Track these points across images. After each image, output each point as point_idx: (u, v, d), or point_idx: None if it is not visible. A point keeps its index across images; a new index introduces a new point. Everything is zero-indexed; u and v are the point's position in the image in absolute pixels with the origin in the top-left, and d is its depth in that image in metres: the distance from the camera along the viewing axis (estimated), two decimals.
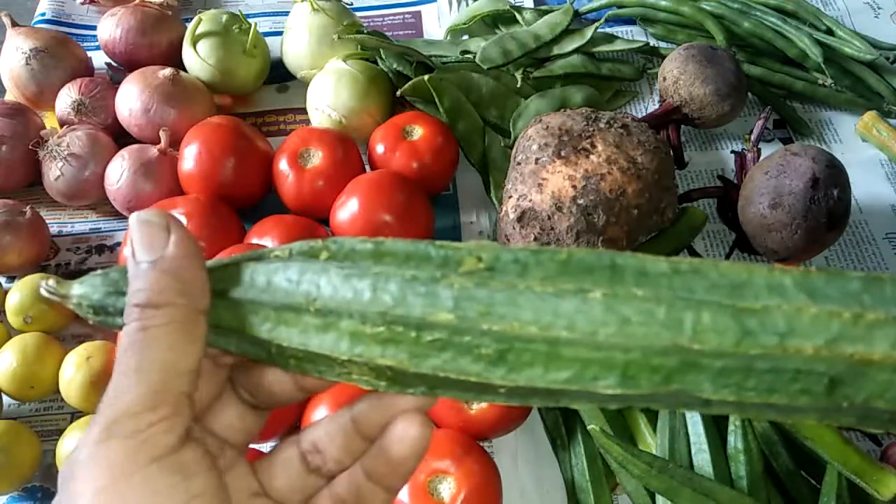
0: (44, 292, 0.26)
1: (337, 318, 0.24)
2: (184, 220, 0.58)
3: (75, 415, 0.57)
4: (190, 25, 0.73)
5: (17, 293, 0.58)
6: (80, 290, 0.26)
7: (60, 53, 0.72)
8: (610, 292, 0.22)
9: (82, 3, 0.85)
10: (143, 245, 0.24)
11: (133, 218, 0.25)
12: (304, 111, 0.72)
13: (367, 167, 0.67)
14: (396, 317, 0.23)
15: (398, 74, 0.70)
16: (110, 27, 0.74)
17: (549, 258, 0.23)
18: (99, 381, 0.54)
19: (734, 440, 0.49)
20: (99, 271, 0.27)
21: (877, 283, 0.21)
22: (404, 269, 0.23)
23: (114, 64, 0.77)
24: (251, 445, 0.31)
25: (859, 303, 0.21)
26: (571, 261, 0.23)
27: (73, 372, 0.54)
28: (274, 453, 0.28)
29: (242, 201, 0.65)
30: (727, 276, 0.22)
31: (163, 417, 0.23)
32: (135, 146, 0.65)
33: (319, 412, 0.50)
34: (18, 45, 0.71)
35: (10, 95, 0.74)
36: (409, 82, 0.67)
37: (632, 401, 0.22)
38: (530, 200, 0.55)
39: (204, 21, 0.72)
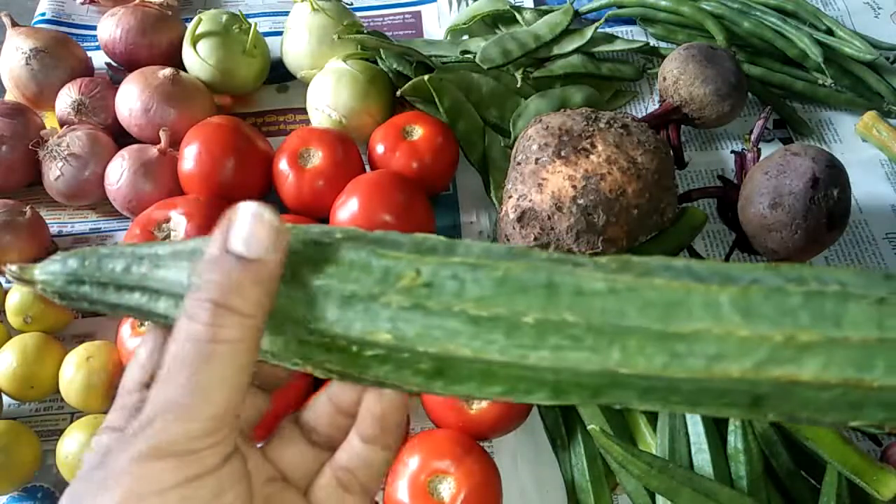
0: (9, 276, 0.26)
1: (281, 323, 0.24)
2: (184, 220, 0.58)
3: (75, 415, 0.57)
4: (190, 25, 0.73)
5: (17, 293, 0.58)
6: (42, 276, 0.26)
7: (60, 53, 0.72)
8: (542, 317, 0.22)
9: (82, 3, 0.85)
10: (244, 238, 0.22)
11: (245, 208, 0.23)
12: (304, 111, 0.72)
13: (367, 167, 0.67)
14: (337, 333, 0.23)
15: (398, 74, 0.70)
16: (110, 27, 0.74)
17: (486, 275, 0.23)
18: (99, 381, 0.54)
19: (734, 440, 0.49)
20: (58, 255, 0.26)
21: (817, 299, 0.21)
22: (345, 283, 0.23)
23: (114, 64, 0.77)
24: None
25: (795, 322, 0.21)
26: (508, 279, 0.23)
27: (73, 372, 0.54)
28: (278, 433, 0.28)
29: (242, 201, 0.64)
30: (664, 294, 0.22)
31: (218, 441, 0.22)
32: (135, 146, 0.65)
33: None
34: (18, 45, 0.71)
35: (10, 95, 0.74)
36: (409, 82, 0.67)
37: (566, 403, 0.23)
38: (530, 200, 0.55)
39: (204, 21, 0.72)
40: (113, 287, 0.26)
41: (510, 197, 0.57)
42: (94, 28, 0.81)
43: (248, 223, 0.22)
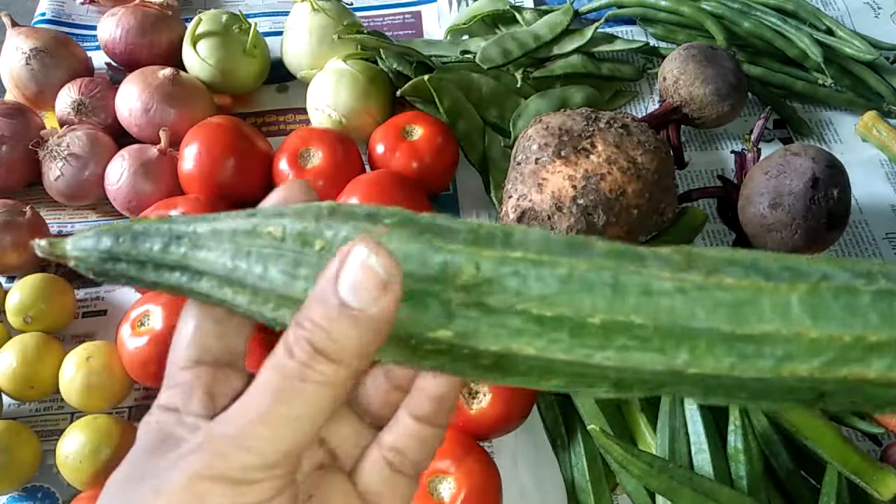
0: (39, 252, 0.25)
1: None
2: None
3: (75, 415, 0.57)
4: (190, 25, 0.73)
5: (17, 293, 0.58)
6: (75, 254, 0.26)
7: (60, 53, 0.72)
8: (608, 318, 0.22)
9: (82, 3, 0.85)
10: (350, 285, 0.21)
11: (357, 253, 0.21)
12: (304, 111, 0.72)
13: (367, 167, 0.67)
14: (394, 330, 0.23)
15: (398, 74, 0.70)
16: (110, 27, 0.74)
17: (549, 273, 0.23)
18: (99, 382, 0.54)
19: (734, 440, 0.49)
20: (89, 231, 0.26)
21: (887, 298, 0.21)
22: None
23: (114, 64, 0.77)
24: None
25: (864, 323, 0.21)
26: (572, 277, 0.22)
27: (73, 372, 0.54)
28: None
29: (242, 201, 0.64)
30: (733, 295, 0.22)
31: (277, 476, 0.22)
32: (135, 146, 0.65)
33: None
34: (18, 45, 0.71)
35: (10, 95, 0.74)
36: (409, 82, 0.67)
37: (625, 396, 0.23)
38: (530, 200, 0.55)
39: (204, 21, 0.72)
40: (151, 266, 0.25)
41: (510, 197, 0.57)
42: (94, 28, 0.81)
43: (357, 270, 0.21)
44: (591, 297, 0.22)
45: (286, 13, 0.78)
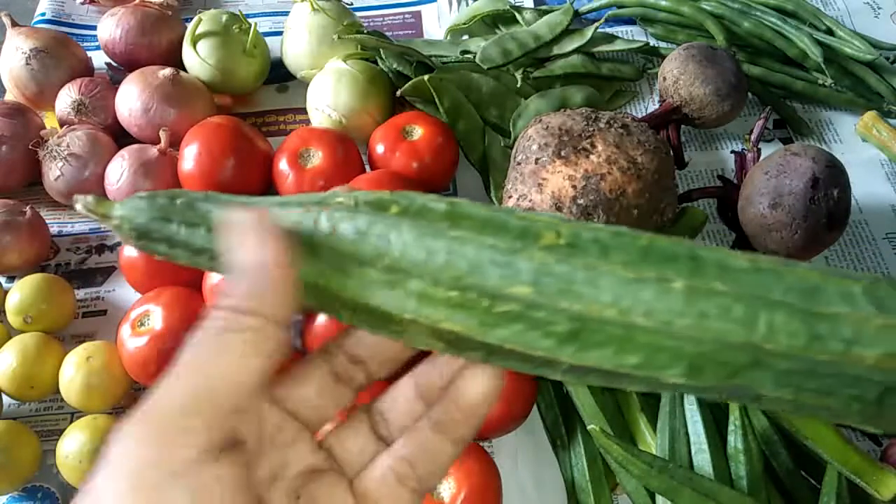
0: (80, 208, 0.25)
1: (405, 277, 0.23)
2: None
3: (75, 415, 0.57)
4: (190, 25, 0.73)
5: (17, 293, 0.58)
6: (122, 212, 0.25)
7: (60, 53, 0.72)
8: (691, 284, 0.22)
9: (82, 3, 0.85)
10: (241, 248, 0.24)
11: (233, 217, 0.24)
12: (304, 111, 0.72)
13: (367, 167, 0.67)
14: (470, 284, 0.22)
15: (398, 74, 0.70)
16: (110, 27, 0.74)
17: (629, 242, 0.23)
18: (99, 381, 0.54)
19: (734, 440, 0.49)
20: (144, 193, 0.26)
21: None
22: (482, 235, 0.23)
23: (114, 64, 0.77)
24: None
25: None
26: (653, 247, 0.23)
27: (73, 372, 0.54)
28: (346, 422, 0.28)
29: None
30: (803, 279, 0.22)
31: (192, 428, 0.22)
32: (135, 146, 0.65)
33: None
34: (18, 45, 0.71)
35: (10, 95, 0.74)
36: (409, 82, 0.67)
37: (688, 391, 0.23)
38: (530, 200, 0.55)
39: (204, 21, 0.72)
40: (205, 228, 0.25)
41: (510, 197, 0.57)
42: (94, 28, 0.81)
43: (240, 234, 0.24)
44: (673, 265, 0.22)
45: (286, 13, 0.78)
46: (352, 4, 0.85)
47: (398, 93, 0.68)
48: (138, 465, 0.21)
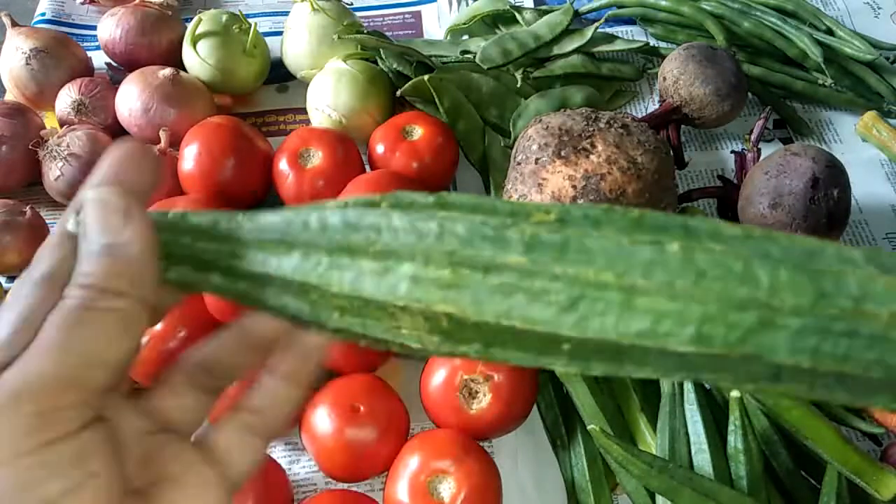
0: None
1: (397, 262, 0.23)
2: None
3: None
4: (190, 25, 0.73)
5: None
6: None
7: (60, 53, 0.72)
8: (687, 245, 0.22)
9: (82, 3, 0.85)
10: (97, 225, 0.23)
11: (89, 194, 0.24)
12: (304, 111, 0.72)
13: (367, 167, 0.67)
14: (463, 258, 0.22)
15: (398, 74, 0.70)
16: (110, 27, 0.74)
17: (620, 216, 0.23)
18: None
19: (734, 440, 0.49)
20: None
21: None
22: (472, 215, 0.23)
23: (114, 64, 0.77)
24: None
25: None
26: (644, 218, 0.22)
27: None
28: (163, 381, 0.27)
29: (242, 201, 0.65)
30: (799, 244, 0.22)
31: (68, 405, 0.22)
32: None
33: (320, 413, 0.50)
34: (18, 45, 0.71)
35: (10, 95, 0.74)
36: (409, 82, 0.67)
37: (700, 368, 0.22)
38: (530, 200, 0.55)
39: (204, 21, 0.72)
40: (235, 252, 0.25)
41: (510, 197, 0.57)
42: (94, 28, 0.81)
43: (95, 210, 0.24)
44: (667, 233, 0.22)
45: (286, 13, 0.78)
46: (352, 4, 0.85)
47: (398, 93, 0.68)
48: (13, 435, 0.21)
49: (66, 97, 0.69)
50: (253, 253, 0.24)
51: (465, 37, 0.79)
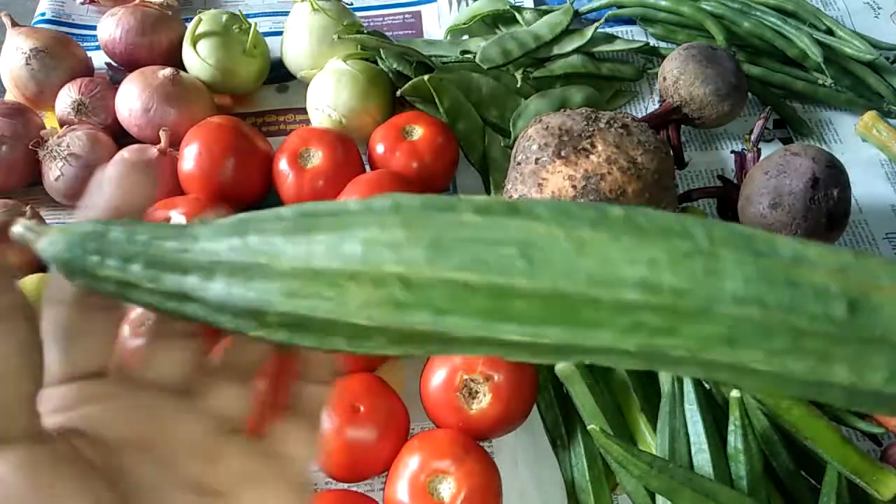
0: (18, 233, 0.23)
1: (351, 232, 0.22)
2: (184, 220, 0.58)
3: None
4: (190, 25, 0.73)
5: None
6: (46, 244, 0.23)
7: (60, 53, 0.72)
8: (628, 212, 0.22)
9: (82, 3, 0.85)
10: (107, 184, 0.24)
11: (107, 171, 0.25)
12: (304, 111, 0.72)
13: (367, 167, 0.67)
14: (417, 221, 0.22)
15: (398, 74, 0.70)
16: (110, 27, 0.74)
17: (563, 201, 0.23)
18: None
19: (734, 440, 0.49)
20: (82, 220, 0.24)
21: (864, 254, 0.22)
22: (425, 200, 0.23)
23: (114, 64, 0.77)
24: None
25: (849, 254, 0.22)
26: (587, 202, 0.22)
27: None
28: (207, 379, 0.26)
29: (242, 201, 0.65)
30: (727, 225, 0.22)
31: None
32: (135, 146, 0.65)
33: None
34: (18, 45, 0.71)
35: (10, 95, 0.74)
36: (409, 82, 0.67)
37: (655, 331, 0.21)
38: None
39: (204, 21, 0.72)
40: (142, 262, 0.23)
41: (510, 197, 0.57)
42: (94, 28, 0.81)
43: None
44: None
45: (286, 13, 0.78)
46: (352, 4, 0.86)
47: (398, 93, 0.68)
48: None
49: (66, 97, 0.69)
50: (200, 245, 0.23)
51: (465, 37, 0.79)
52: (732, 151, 0.69)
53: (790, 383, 0.22)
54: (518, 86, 0.71)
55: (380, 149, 0.65)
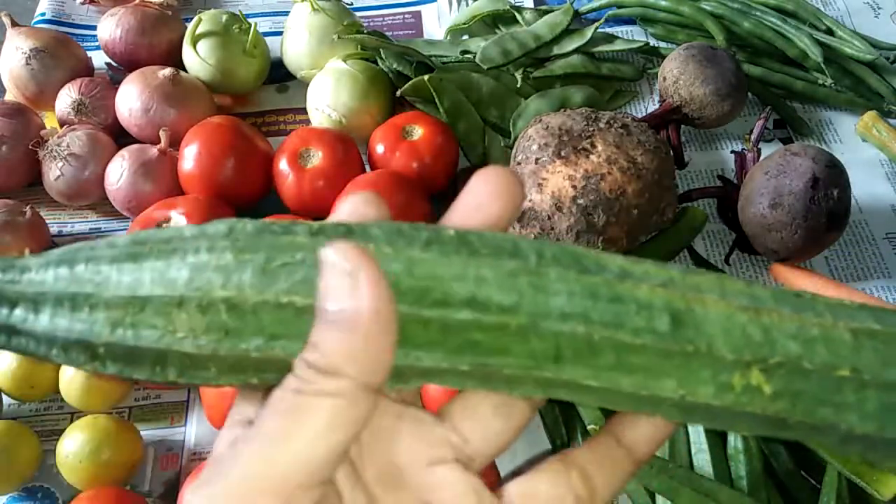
0: None
1: (181, 257, 0.21)
2: (184, 220, 0.58)
3: (75, 415, 0.57)
4: (190, 25, 0.73)
5: None
6: None
7: (60, 53, 0.72)
8: (460, 233, 0.22)
9: (82, 3, 0.85)
10: (328, 290, 0.19)
11: (323, 252, 0.20)
12: (304, 111, 0.72)
13: (367, 167, 0.67)
14: (248, 245, 0.21)
15: (398, 74, 0.70)
16: (110, 27, 0.74)
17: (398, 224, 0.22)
18: (99, 381, 0.54)
19: (734, 440, 0.49)
20: None
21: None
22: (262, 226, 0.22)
23: (114, 64, 0.77)
24: None
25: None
26: (420, 225, 0.22)
27: (73, 371, 0.54)
28: (460, 399, 0.25)
29: (242, 201, 0.65)
30: (559, 245, 0.22)
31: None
32: (135, 146, 0.65)
33: None
34: (18, 45, 0.71)
35: (10, 95, 0.74)
36: (409, 82, 0.67)
37: (488, 350, 0.21)
38: (530, 200, 0.55)
39: (204, 21, 0.72)
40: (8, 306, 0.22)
41: None
42: (94, 28, 0.81)
43: (326, 271, 0.20)
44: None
45: (286, 13, 0.78)
46: (352, 4, 0.85)
47: (398, 93, 0.68)
48: None
49: (66, 97, 0.69)
50: (28, 276, 0.22)
51: (465, 37, 0.79)
52: (732, 151, 0.69)
53: (623, 399, 0.22)
54: (518, 86, 0.71)
55: (380, 149, 0.65)
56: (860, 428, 0.21)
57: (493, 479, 0.27)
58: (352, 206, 0.24)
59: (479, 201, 0.24)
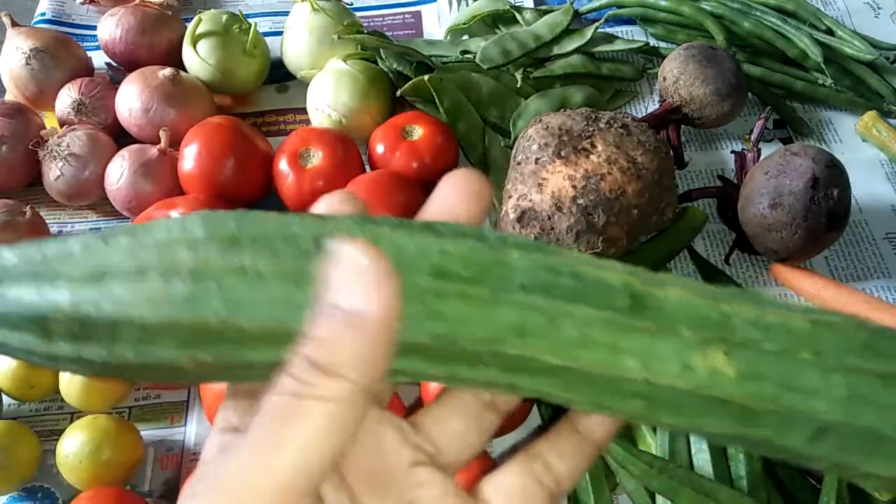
0: None
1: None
2: None
3: (75, 415, 0.57)
4: (190, 25, 0.73)
5: None
6: None
7: (60, 53, 0.72)
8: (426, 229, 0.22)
9: (82, 3, 0.85)
10: (339, 285, 0.19)
11: (345, 250, 0.19)
12: (304, 111, 0.72)
13: (367, 167, 0.67)
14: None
15: (398, 74, 0.70)
16: (110, 27, 0.74)
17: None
18: (99, 381, 0.54)
19: None
20: None
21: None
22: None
23: (114, 64, 0.77)
24: None
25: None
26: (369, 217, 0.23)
27: None
28: (437, 403, 0.25)
29: (242, 201, 0.65)
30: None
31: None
32: (135, 146, 0.65)
33: None
34: (18, 45, 0.71)
35: (10, 95, 0.74)
36: (409, 82, 0.67)
37: (435, 357, 0.21)
38: (530, 200, 0.55)
39: (204, 21, 0.72)
40: None
41: (510, 197, 0.57)
42: (94, 28, 0.81)
43: (340, 265, 0.19)
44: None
45: (286, 13, 0.78)
46: (352, 4, 0.85)
47: (398, 93, 0.68)
48: None
49: (66, 97, 0.69)
50: None
51: (465, 37, 0.79)
52: (732, 151, 0.69)
53: (587, 387, 0.22)
54: (518, 86, 0.71)
55: (380, 149, 0.65)
56: (830, 414, 0.21)
57: (486, 464, 0.27)
58: (328, 205, 0.25)
59: (448, 202, 0.25)
